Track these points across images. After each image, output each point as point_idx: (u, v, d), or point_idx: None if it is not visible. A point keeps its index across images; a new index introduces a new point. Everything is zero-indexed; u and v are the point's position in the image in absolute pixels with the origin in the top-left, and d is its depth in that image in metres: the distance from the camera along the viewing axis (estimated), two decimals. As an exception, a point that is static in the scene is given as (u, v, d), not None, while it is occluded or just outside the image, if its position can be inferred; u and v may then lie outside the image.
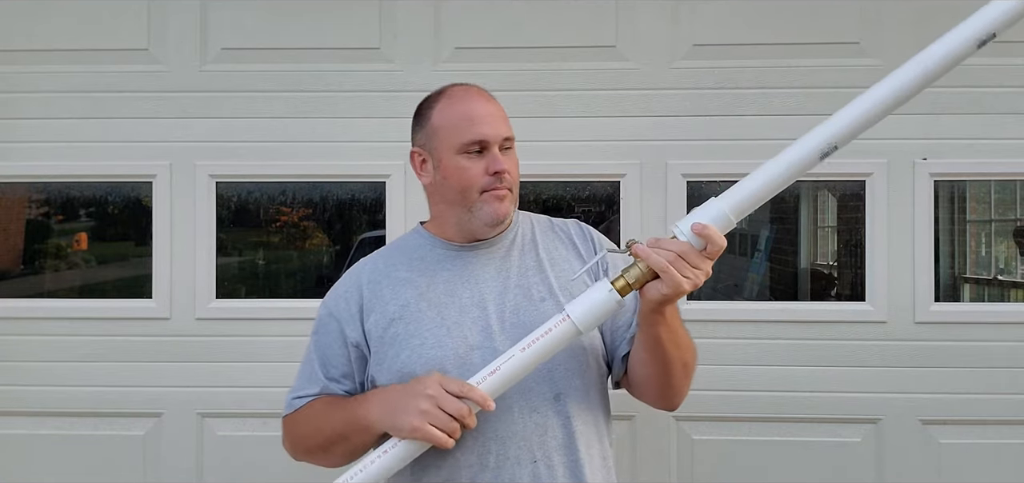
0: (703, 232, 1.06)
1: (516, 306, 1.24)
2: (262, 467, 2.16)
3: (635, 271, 1.08)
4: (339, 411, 1.25)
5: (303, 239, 2.33)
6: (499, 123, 1.25)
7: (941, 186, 2.15)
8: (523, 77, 2.13)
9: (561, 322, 1.11)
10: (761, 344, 2.12)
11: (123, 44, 2.17)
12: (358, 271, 1.33)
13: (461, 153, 1.23)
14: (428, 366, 1.18)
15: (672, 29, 2.14)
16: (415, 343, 1.21)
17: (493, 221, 1.25)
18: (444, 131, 1.25)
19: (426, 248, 1.31)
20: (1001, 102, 2.09)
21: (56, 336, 2.18)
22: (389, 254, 1.35)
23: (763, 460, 2.13)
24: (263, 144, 2.16)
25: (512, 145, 1.29)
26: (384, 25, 2.16)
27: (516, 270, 1.28)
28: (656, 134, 2.13)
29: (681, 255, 1.06)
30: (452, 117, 1.25)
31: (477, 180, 1.23)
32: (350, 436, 1.22)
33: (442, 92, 1.30)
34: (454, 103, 1.27)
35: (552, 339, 1.11)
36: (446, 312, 1.23)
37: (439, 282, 1.26)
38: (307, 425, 1.28)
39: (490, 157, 1.23)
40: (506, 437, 1.20)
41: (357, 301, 1.28)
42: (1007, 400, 2.09)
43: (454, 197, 1.26)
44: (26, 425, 2.19)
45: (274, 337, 2.15)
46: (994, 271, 2.41)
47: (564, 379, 1.23)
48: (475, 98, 1.27)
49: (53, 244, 2.37)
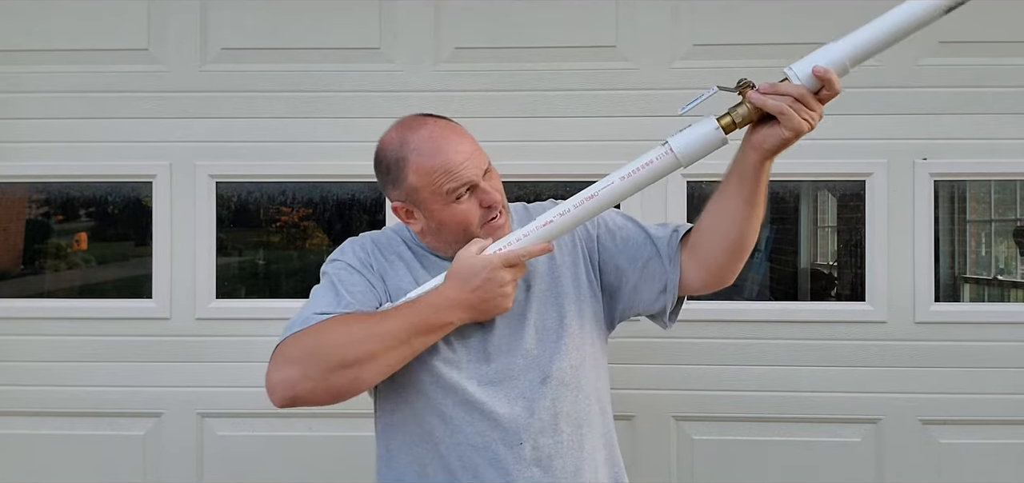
0: (825, 75, 1.06)
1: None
2: (262, 467, 2.16)
3: (743, 110, 1.10)
4: (394, 315, 1.18)
5: (303, 239, 2.33)
6: (476, 157, 1.25)
7: (941, 186, 2.15)
8: (523, 77, 2.13)
9: (663, 154, 1.14)
10: (761, 344, 2.12)
11: (123, 44, 2.17)
12: (361, 241, 1.34)
13: (453, 201, 1.23)
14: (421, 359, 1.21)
15: (672, 29, 2.14)
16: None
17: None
18: (427, 188, 1.23)
19: (419, 252, 1.34)
20: (1001, 102, 2.09)
21: (56, 336, 2.18)
22: (389, 240, 1.36)
23: (763, 460, 2.13)
24: (263, 144, 2.16)
25: (490, 166, 1.29)
26: (384, 25, 2.16)
27: None
28: (656, 134, 2.11)
29: (798, 98, 1.07)
30: (430, 172, 1.22)
31: (475, 218, 1.25)
32: (413, 340, 1.16)
33: (404, 142, 1.25)
34: (426, 157, 1.23)
35: (652, 170, 1.16)
36: None
37: (431, 275, 1.29)
38: (340, 333, 1.15)
39: (480, 192, 1.24)
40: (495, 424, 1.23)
41: (368, 258, 1.30)
42: (1007, 400, 2.09)
43: (455, 238, 1.26)
44: (26, 425, 2.19)
45: (274, 337, 2.13)
46: (994, 271, 2.41)
47: (550, 362, 1.26)
48: (445, 143, 1.24)
49: (53, 244, 2.37)
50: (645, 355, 2.03)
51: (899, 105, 2.10)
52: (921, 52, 2.10)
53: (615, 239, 1.35)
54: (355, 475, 2.14)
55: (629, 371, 2.05)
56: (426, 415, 1.25)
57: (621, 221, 1.38)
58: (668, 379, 2.12)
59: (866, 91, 2.10)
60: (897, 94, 2.10)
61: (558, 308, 1.30)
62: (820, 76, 1.06)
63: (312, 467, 2.18)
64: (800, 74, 1.07)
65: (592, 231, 1.37)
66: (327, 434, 2.15)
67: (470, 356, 1.25)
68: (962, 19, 2.10)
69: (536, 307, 1.29)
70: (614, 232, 1.36)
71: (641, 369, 2.09)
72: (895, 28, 1.07)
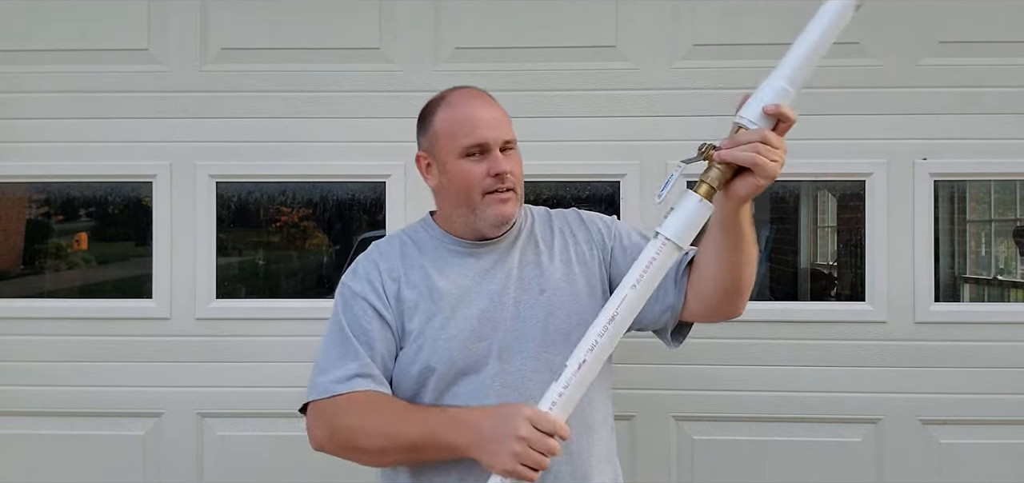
0: (777, 111, 1.08)
1: (517, 300, 1.30)
2: (262, 467, 2.16)
3: (715, 173, 1.11)
4: (415, 420, 1.22)
5: (303, 239, 2.33)
6: (499, 126, 1.29)
7: (941, 186, 2.15)
8: (523, 77, 2.13)
9: (662, 247, 1.12)
10: (761, 344, 2.12)
11: (123, 44, 2.17)
12: (372, 260, 1.34)
13: (463, 157, 1.28)
14: (436, 359, 1.25)
15: (672, 29, 2.14)
16: (428, 335, 1.27)
17: (497, 222, 1.30)
18: (446, 137, 1.30)
19: (437, 242, 1.36)
20: (1001, 102, 2.09)
21: (56, 336, 2.18)
22: (402, 245, 1.37)
23: (763, 460, 2.13)
24: (263, 144, 2.16)
25: (514, 147, 1.32)
26: (384, 25, 2.16)
27: (518, 264, 1.33)
28: (656, 134, 2.13)
29: (763, 141, 1.08)
30: (453, 122, 1.29)
31: (479, 182, 1.28)
32: (424, 450, 1.21)
33: (443, 97, 1.34)
34: (454, 108, 1.31)
35: (658, 265, 1.13)
36: (457, 305, 1.28)
37: (450, 274, 1.31)
38: (364, 420, 1.23)
39: (491, 159, 1.27)
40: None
41: (380, 285, 1.30)
42: (1007, 400, 2.09)
43: (459, 199, 1.31)
44: (26, 425, 2.19)
45: (274, 337, 2.15)
46: (994, 271, 2.41)
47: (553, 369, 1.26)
48: (475, 102, 1.31)
49: (53, 244, 2.37)
50: (645, 355, 2.03)
51: (899, 105, 2.10)
52: (921, 52, 2.11)
53: (627, 256, 1.36)
54: (355, 475, 2.13)
55: (629, 371, 2.05)
56: None
57: (637, 239, 1.39)
58: (668, 379, 2.12)
59: (866, 91, 2.10)
60: (897, 94, 2.10)
61: (576, 312, 1.32)
62: (771, 113, 1.08)
63: (312, 467, 2.18)
64: (752, 118, 1.09)
65: (608, 243, 1.39)
66: (327, 434, 2.15)
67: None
68: (962, 19, 2.11)
69: (550, 310, 1.31)
70: (627, 250, 1.38)
71: (641, 369, 2.09)
72: (816, 41, 1.12)
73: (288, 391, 2.15)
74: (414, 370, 1.27)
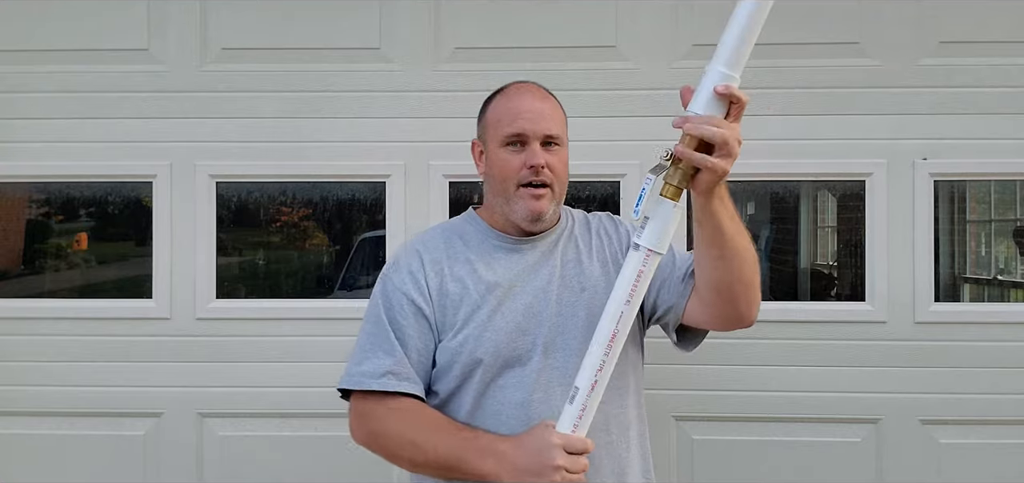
0: (728, 91, 1.09)
1: (560, 297, 1.32)
2: (262, 467, 2.16)
3: (677, 173, 1.11)
4: (447, 439, 1.24)
5: (303, 239, 2.33)
6: (541, 120, 1.31)
7: (941, 186, 2.15)
8: (523, 77, 2.12)
9: (647, 258, 1.14)
10: (761, 344, 2.12)
11: (123, 44, 2.17)
12: (416, 250, 1.36)
13: (503, 146, 1.32)
14: (483, 350, 1.27)
15: (672, 29, 2.14)
16: (473, 327, 1.28)
17: (529, 217, 1.32)
18: (493, 124, 1.35)
19: (482, 236, 1.38)
20: (1001, 102, 2.09)
21: (56, 336, 2.18)
22: (447, 237, 1.38)
23: (763, 460, 2.13)
24: (263, 144, 2.16)
25: (559, 143, 1.34)
26: (384, 25, 2.16)
27: (560, 263, 1.36)
28: (656, 134, 2.12)
29: (710, 125, 1.08)
30: (500, 112, 1.34)
31: (515, 172, 1.30)
32: (456, 472, 1.23)
33: (504, 88, 1.39)
34: (507, 98, 1.36)
35: (647, 276, 1.15)
36: (503, 299, 1.30)
37: (496, 268, 1.33)
38: (398, 429, 1.27)
39: (528, 151, 1.30)
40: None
41: (422, 278, 1.32)
42: (1007, 400, 2.09)
43: (497, 188, 1.34)
44: (26, 425, 2.19)
45: (274, 337, 2.15)
46: (994, 271, 2.41)
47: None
48: (526, 94, 1.35)
49: (53, 244, 2.37)
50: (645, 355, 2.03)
51: (899, 105, 2.10)
52: (921, 52, 2.11)
53: None
54: (355, 475, 2.14)
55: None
56: (476, 418, 1.29)
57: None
58: (668, 379, 2.12)
59: (866, 91, 2.10)
60: (897, 94, 2.10)
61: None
62: (722, 93, 1.09)
63: (312, 467, 2.18)
64: (701, 108, 1.11)
65: (626, 242, 1.41)
66: (327, 434, 2.15)
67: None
68: (962, 19, 2.11)
69: (590, 308, 1.32)
70: None
71: (641, 369, 2.09)
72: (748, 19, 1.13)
73: (288, 391, 2.16)
74: (461, 360, 1.28)
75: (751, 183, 2.18)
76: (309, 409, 2.15)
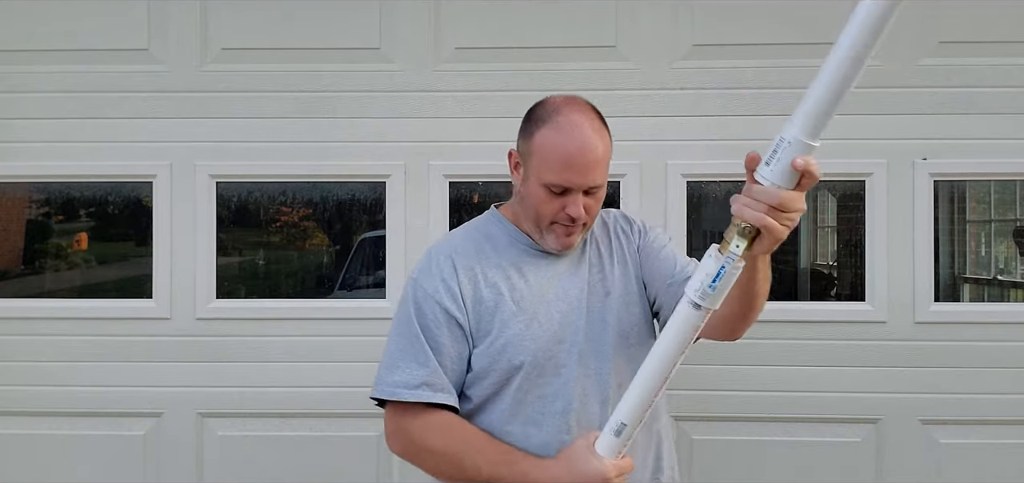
0: (805, 168, 0.99)
1: (590, 304, 1.33)
2: (262, 467, 2.16)
3: (731, 227, 1.06)
4: (491, 457, 1.24)
5: (303, 239, 2.33)
6: (589, 172, 1.25)
7: (941, 186, 2.15)
8: (523, 77, 2.13)
9: (705, 316, 1.08)
10: (761, 344, 2.12)
11: (123, 44, 2.17)
12: (447, 254, 1.32)
13: (543, 186, 1.26)
14: (522, 356, 1.26)
15: (672, 29, 2.14)
16: (510, 334, 1.27)
17: (558, 250, 1.33)
18: (539, 158, 1.26)
19: (510, 239, 1.36)
20: (1001, 102, 2.09)
21: (56, 336, 2.18)
22: (477, 242, 1.36)
23: (763, 460, 2.13)
24: (263, 144, 2.16)
25: (601, 187, 1.29)
26: (384, 25, 2.16)
27: (587, 268, 1.36)
28: (656, 134, 2.13)
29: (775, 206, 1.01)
30: (550, 150, 1.25)
31: (551, 214, 1.28)
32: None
33: (557, 110, 1.28)
34: (558, 133, 1.25)
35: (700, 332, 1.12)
36: (538, 307, 1.30)
37: (528, 276, 1.32)
38: (440, 446, 1.26)
39: (570, 200, 1.26)
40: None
41: (456, 284, 1.29)
42: (1007, 400, 2.09)
43: (530, 215, 1.32)
44: (26, 425, 2.19)
45: (274, 337, 2.15)
46: (994, 271, 2.41)
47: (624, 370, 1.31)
48: (577, 134, 1.24)
49: (53, 244, 2.37)
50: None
51: (899, 105, 2.10)
52: (921, 52, 2.11)
53: (652, 255, 1.41)
54: (355, 475, 2.14)
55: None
56: (513, 424, 1.29)
57: (664, 240, 1.43)
58: (668, 379, 2.11)
59: (866, 91, 2.10)
60: (897, 94, 2.10)
61: (632, 313, 1.36)
62: (799, 168, 0.99)
63: (312, 467, 2.18)
64: (768, 176, 1.01)
65: (637, 243, 1.42)
66: (327, 434, 2.15)
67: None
68: (962, 19, 2.11)
69: (616, 312, 1.34)
70: (656, 250, 1.41)
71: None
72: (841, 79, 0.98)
73: (288, 391, 2.16)
74: (500, 366, 1.27)
75: (751, 183, 2.18)
76: (309, 409, 2.15)
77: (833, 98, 0.99)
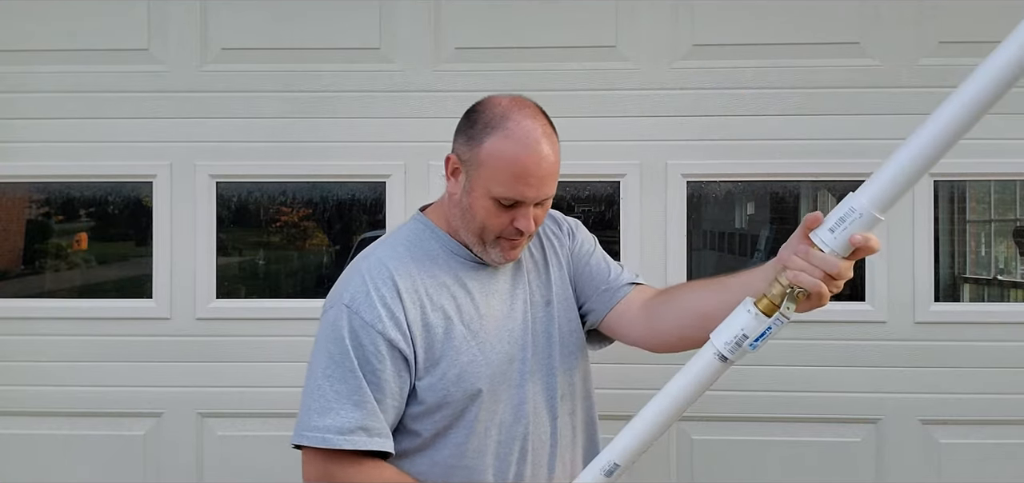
0: (864, 244, 0.98)
1: (533, 316, 1.29)
2: (262, 467, 2.16)
3: (777, 288, 1.02)
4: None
5: (303, 239, 2.33)
6: (544, 184, 1.17)
7: (941, 186, 2.15)
8: (523, 77, 2.13)
9: (717, 363, 1.04)
10: (761, 344, 2.12)
11: (123, 44, 2.17)
12: (385, 274, 1.19)
13: (492, 198, 1.17)
14: (479, 383, 1.19)
15: (672, 29, 2.14)
16: (465, 361, 1.20)
17: (501, 262, 1.26)
18: (489, 169, 1.16)
19: (447, 253, 1.26)
20: (1001, 102, 2.08)
21: (56, 336, 2.18)
22: (415, 256, 1.24)
23: (763, 460, 2.13)
24: (263, 144, 2.16)
25: (551, 196, 1.23)
26: (384, 25, 2.16)
27: (526, 277, 1.32)
28: (656, 134, 2.13)
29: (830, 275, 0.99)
30: (501, 161, 1.15)
31: (496, 228, 1.20)
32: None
33: (505, 116, 1.17)
34: (510, 143, 1.15)
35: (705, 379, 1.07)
36: (488, 329, 1.23)
37: (474, 294, 1.24)
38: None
39: (520, 213, 1.18)
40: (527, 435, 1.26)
41: (400, 308, 1.17)
42: (1007, 400, 2.09)
43: (471, 228, 1.22)
44: (26, 425, 2.19)
45: (274, 337, 2.15)
46: (994, 271, 2.41)
47: (571, 373, 1.32)
48: (533, 147, 1.15)
49: (53, 244, 2.37)
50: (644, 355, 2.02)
51: (899, 105, 2.10)
52: (921, 52, 2.10)
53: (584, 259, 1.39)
54: (355, 475, 2.13)
55: (629, 371, 2.05)
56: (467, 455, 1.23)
57: (592, 243, 1.43)
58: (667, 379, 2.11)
59: (866, 91, 2.10)
60: (897, 94, 2.10)
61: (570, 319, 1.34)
62: (858, 244, 0.97)
63: (312, 467, 2.18)
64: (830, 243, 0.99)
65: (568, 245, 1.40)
66: (327, 434, 2.15)
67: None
68: (962, 19, 2.11)
69: (557, 321, 1.32)
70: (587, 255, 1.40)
71: (641, 369, 2.09)
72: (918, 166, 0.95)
73: (288, 391, 2.15)
74: (456, 396, 1.18)
75: (751, 183, 2.18)
76: (309, 409, 2.14)
77: (912, 178, 0.95)
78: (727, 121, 2.12)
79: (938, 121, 0.94)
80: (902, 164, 0.96)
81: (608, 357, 1.53)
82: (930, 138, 0.95)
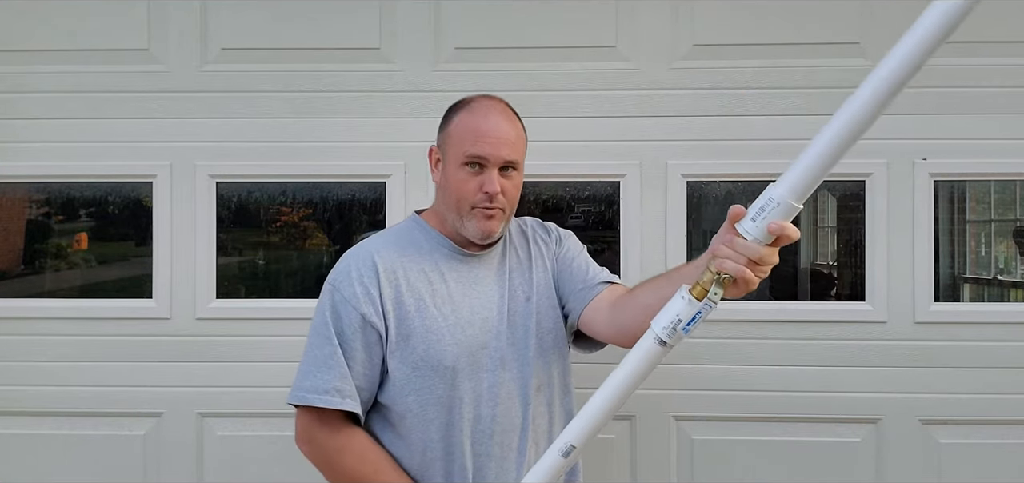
0: (781, 231, 1.02)
1: (511, 309, 1.37)
2: (262, 467, 2.16)
3: (707, 275, 1.07)
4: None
5: (303, 239, 2.33)
6: (503, 146, 1.32)
7: (941, 186, 2.15)
8: (523, 77, 2.13)
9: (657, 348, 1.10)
10: (761, 344, 2.12)
11: (123, 44, 2.17)
12: (367, 258, 1.33)
13: (462, 165, 1.32)
14: (447, 361, 1.29)
15: (672, 29, 2.14)
16: (432, 339, 1.29)
17: (480, 236, 1.35)
18: (454, 140, 1.33)
19: (433, 245, 1.39)
20: (1001, 102, 2.09)
21: (56, 336, 2.18)
22: (400, 245, 1.38)
23: (763, 460, 2.13)
24: (263, 144, 2.16)
25: (516, 168, 1.36)
26: (384, 25, 2.16)
27: (508, 274, 1.40)
28: (656, 134, 2.13)
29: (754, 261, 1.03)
30: (464, 129, 1.33)
31: (470, 195, 1.32)
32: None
33: (469, 101, 1.37)
34: (470, 115, 1.34)
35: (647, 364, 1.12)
36: (459, 312, 1.32)
37: (450, 282, 1.35)
38: (350, 462, 1.30)
39: (486, 176, 1.31)
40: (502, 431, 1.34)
41: (375, 287, 1.30)
42: (1007, 400, 2.09)
43: (451, 203, 1.35)
44: (26, 425, 2.19)
45: (274, 337, 2.15)
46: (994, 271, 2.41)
47: (549, 367, 1.39)
48: (491, 115, 1.33)
49: (53, 244, 2.36)
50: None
51: (899, 105, 2.07)
52: (921, 52, 2.10)
53: (567, 263, 1.46)
54: (355, 475, 2.13)
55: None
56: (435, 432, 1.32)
57: (578, 249, 1.50)
58: (668, 379, 2.12)
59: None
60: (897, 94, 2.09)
61: (550, 317, 1.41)
62: (775, 232, 1.02)
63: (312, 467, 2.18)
64: (751, 230, 1.03)
65: (554, 250, 1.48)
66: (327, 434, 2.15)
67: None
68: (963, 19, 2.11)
69: (536, 316, 1.39)
70: (571, 259, 1.47)
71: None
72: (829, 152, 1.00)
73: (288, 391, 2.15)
74: (424, 370, 1.29)
75: (751, 183, 2.18)
76: (309, 409, 2.15)
77: (824, 168, 1.01)
78: (727, 121, 2.12)
79: (846, 113, 1.03)
80: (816, 154, 1.01)
81: (601, 358, 1.53)
82: (839, 130, 1.02)
